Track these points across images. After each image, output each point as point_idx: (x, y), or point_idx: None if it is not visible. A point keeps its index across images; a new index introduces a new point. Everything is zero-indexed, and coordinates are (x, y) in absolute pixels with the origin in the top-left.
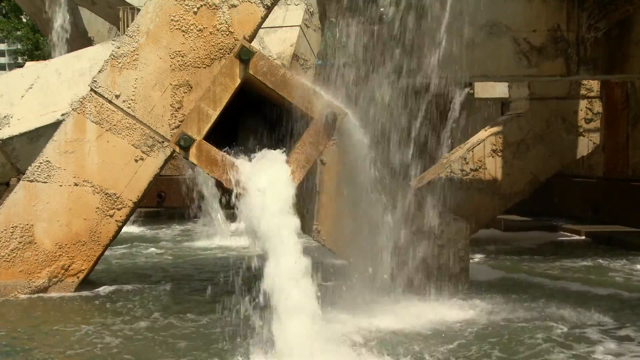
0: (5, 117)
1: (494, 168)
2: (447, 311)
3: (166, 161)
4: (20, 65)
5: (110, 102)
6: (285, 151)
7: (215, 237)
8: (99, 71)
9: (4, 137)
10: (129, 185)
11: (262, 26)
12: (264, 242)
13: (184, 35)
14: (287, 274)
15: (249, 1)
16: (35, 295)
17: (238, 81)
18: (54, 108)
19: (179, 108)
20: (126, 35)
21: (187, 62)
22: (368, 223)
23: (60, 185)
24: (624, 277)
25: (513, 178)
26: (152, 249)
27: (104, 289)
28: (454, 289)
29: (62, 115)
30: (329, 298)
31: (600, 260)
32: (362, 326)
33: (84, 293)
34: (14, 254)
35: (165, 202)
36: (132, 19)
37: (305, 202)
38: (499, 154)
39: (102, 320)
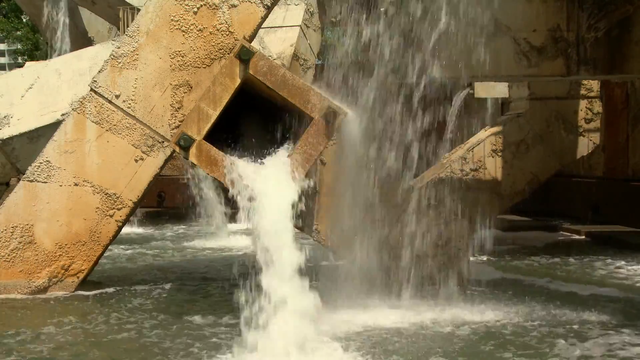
0: (5, 117)
1: (494, 168)
2: (445, 311)
3: (166, 161)
4: (20, 65)
5: (110, 102)
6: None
7: (215, 237)
8: (99, 71)
9: (4, 137)
10: (129, 185)
11: (262, 26)
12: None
13: (184, 35)
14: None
15: (249, 1)
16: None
17: (238, 81)
18: (54, 108)
19: (179, 108)
20: (126, 35)
21: (187, 62)
22: (368, 223)
23: (60, 185)
24: (623, 277)
25: (513, 178)
26: (152, 249)
27: (101, 290)
28: (454, 289)
29: (62, 115)
30: (327, 298)
31: (600, 261)
32: (358, 326)
33: (79, 293)
34: (14, 254)
35: (165, 202)
36: (132, 19)
37: (305, 202)
38: (499, 154)
39: (53, 322)
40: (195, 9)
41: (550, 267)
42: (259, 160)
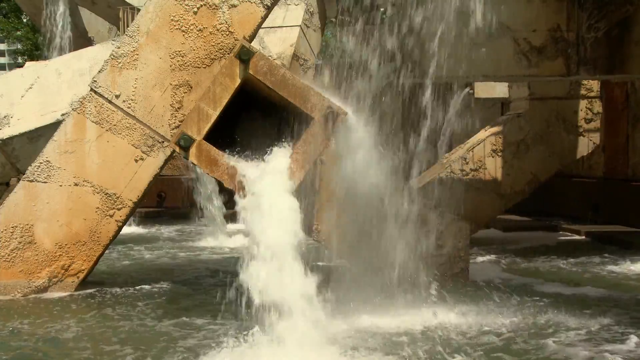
0: (5, 117)
1: (494, 168)
2: (445, 312)
3: (166, 161)
4: (20, 65)
5: (110, 102)
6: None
7: (215, 237)
8: (99, 71)
9: (4, 137)
10: (129, 185)
11: (262, 26)
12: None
13: (184, 35)
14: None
15: (249, 1)
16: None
17: (238, 81)
18: (54, 108)
19: (179, 108)
20: (126, 35)
21: (187, 62)
22: (368, 223)
23: (60, 185)
24: (623, 277)
25: (513, 178)
26: (152, 249)
27: (101, 290)
28: (454, 290)
29: (62, 115)
30: (326, 298)
31: (600, 261)
32: (357, 326)
33: (79, 293)
34: (14, 254)
35: (165, 202)
36: (132, 19)
37: (305, 202)
38: (499, 154)
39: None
40: (195, 9)
41: (550, 267)
42: (259, 161)
